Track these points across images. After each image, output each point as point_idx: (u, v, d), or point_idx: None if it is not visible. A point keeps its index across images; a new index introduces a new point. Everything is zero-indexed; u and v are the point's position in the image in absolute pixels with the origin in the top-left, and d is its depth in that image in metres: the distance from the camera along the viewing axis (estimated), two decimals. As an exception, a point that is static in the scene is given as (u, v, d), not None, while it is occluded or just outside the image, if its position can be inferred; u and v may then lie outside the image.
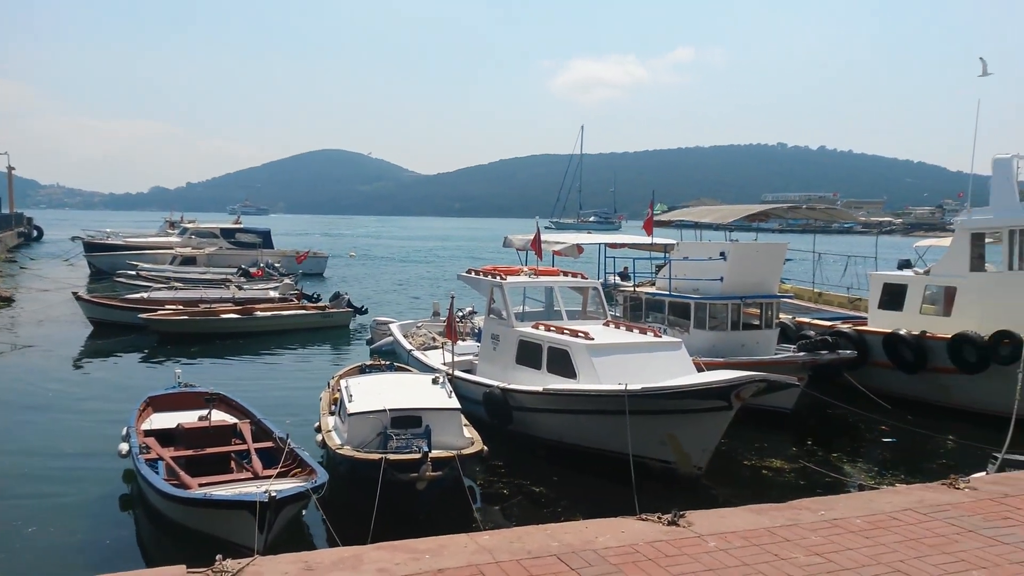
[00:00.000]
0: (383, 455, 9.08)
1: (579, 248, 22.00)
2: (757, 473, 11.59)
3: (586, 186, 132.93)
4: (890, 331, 15.03)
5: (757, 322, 15.80)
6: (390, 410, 9.73)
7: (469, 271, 16.00)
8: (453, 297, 14.45)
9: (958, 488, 6.28)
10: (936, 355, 14.25)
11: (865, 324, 16.50)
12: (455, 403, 10.38)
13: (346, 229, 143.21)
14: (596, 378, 11.33)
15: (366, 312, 26.18)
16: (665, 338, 12.79)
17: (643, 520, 5.23)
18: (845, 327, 16.08)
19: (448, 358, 14.15)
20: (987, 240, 14.93)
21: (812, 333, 16.07)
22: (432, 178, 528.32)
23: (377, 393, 10.45)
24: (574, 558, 4.57)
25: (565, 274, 15.09)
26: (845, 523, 5.36)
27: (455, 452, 9.44)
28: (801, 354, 14.67)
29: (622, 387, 10.28)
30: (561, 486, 10.85)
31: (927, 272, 16.02)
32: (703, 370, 11.72)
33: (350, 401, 10.16)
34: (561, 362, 12.05)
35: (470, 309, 19.94)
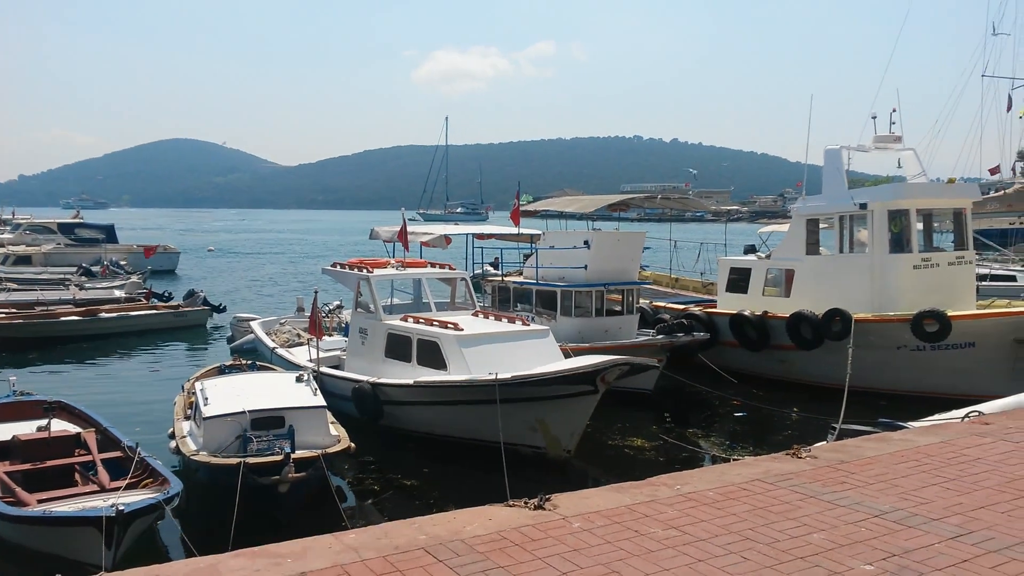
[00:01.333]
0: (242, 459, 8.70)
1: (447, 239, 21.95)
2: (621, 452, 12.04)
3: (453, 177, 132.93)
4: (736, 312, 15.97)
5: (619, 308, 16.38)
6: (250, 411, 9.35)
7: (335, 264, 15.64)
8: (317, 292, 14.07)
9: (800, 457, 6.73)
10: (777, 333, 15.27)
11: (715, 307, 17.46)
12: (320, 401, 10.12)
13: (202, 223, 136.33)
14: (467, 368, 11.38)
15: (224, 310, 25.03)
16: (533, 326, 13.02)
17: (511, 506, 5.28)
18: (697, 310, 16.97)
19: (314, 355, 13.78)
20: (821, 226, 16.13)
21: (667, 317, 16.83)
22: (293, 169, 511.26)
23: (236, 394, 10.01)
24: (442, 549, 4.55)
25: (433, 265, 15.04)
26: (699, 496, 5.63)
27: (320, 451, 9.19)
28: (659, 337, 15.34)
29: (493, 376, 10.38)
30: (433, 478, 10.82)
31: (768, 256, 17.14)
32: (570, 356, 12.03)
33: (206, 404, 9.69)
34: (431, 354, 12.01)
35: (336, 303, 19.48)
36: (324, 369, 13.30)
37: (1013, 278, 21.04)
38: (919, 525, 5.15)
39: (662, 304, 18.72)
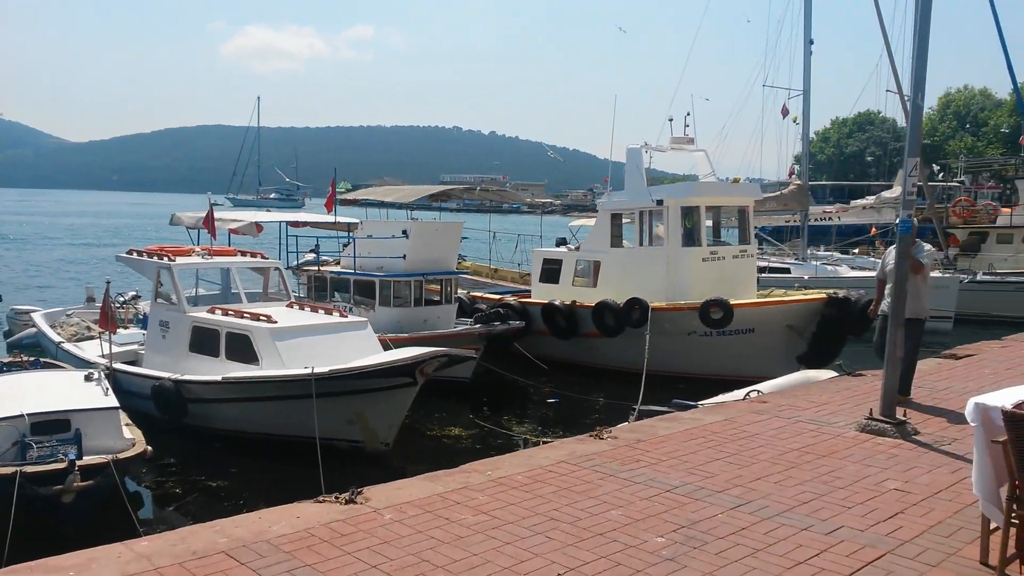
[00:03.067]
0: (18, 468, 7.86)
1: (258, 227, 20.95)
2: (439, 442, 12.15)
3: (266, 161, 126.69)
4: (547, 302, 16.61)
5: (438, 298, 16.47)
6: (28, 414, 8.46)
7: (131, 252, 14.45)
8: (109, 282, 12.94)
9: (602, 439, 7.15)
10: (584, 322, 16.05)
11: (530, 297, 18.05)
12: (112, 401, 9.35)
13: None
14: (280, 363, 10.96)
15: (-1, 300, 22.40)
16: (351, 317, 12.77)
17: (320, 503, 5.20)
18: (512, 300, 17.44)
19: (106, 350, 12.68)
20: (624, 220, 17.10)
21: (484, 307, 17.17)
22: (83, 146, 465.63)
23: (13, 395, 9.02)
24: (245, 552, 4.39)
25: (243, 254, 14.31)
26: (509, 480, 5.84)
27: (111, 457, 8.48)
28: (477, 327, 15.61)
29: (308, 370, 10.07)
30: (242, 479, 10.36)
31: (578, 249, 17.96)
32: (389, 347, 11.93)
33: (-23, 407, 8.64)
34: (242, 348, 11.45)
35: (132, 293, 18.05)
36: (118, 366, 12.29)
37: (788, 270, 23.46)
38: (705, 497, 5.65)
39: (479, 294, 19.04)
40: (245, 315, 11.80)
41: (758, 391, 9.83)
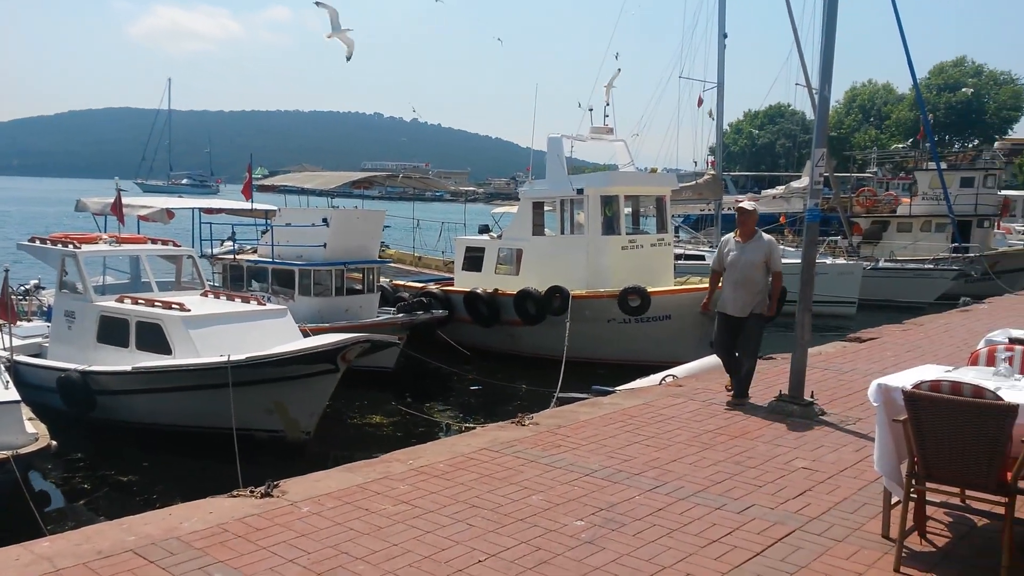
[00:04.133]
0: None
1: (169, 213, 20.19)
2: (361, 431, 12.02)
3: (177, 145, 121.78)
4: (469, 290, 16.61)
5: (360, 287, 16.25)
6: None
7: (33, 239, 13.76)
8: (7, 270, 12.26)
9: (524, 425, 7.21)
10: (506, 309, 16.13)
11: (453, 285, 18.00)
12: (13, 395, 8.86)
13: None
14: (195, 352, 10.62)
15: None
16: (269, 306, 12.48)
17: (234, 497, 5.07)
18: (435, 288, 17.37)
19: (7, 342, 12.02)
20: (546, 208, 17.22)
21: (407, 295, 17.04)
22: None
23: (-99, 392, 8.46)
24: (154, 550, 4.24)
25: (154, 242, 13.78)
26: (430, 468, 5.82)
27: (11, 453, 8.06)
28: (400, 315, 15.49)
29: (225, 358, 9.79)
30: (156, 473, 10.01)
31: (500, 237, 18.01)
32: (309, 336, 11.71)
33: None
34: (153, 337, 11.04)
35: (34, 282, 17.15)
36: (20, 358, 11.68)
37: (703, 257, 24.12)
38: (623, 480, 5.77)
39: (402, 283, 18.88)
40: (156, 304, 11.38)
41: (673, 375, 10.08)
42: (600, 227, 16.10)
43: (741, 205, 8.15)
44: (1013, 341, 6.08)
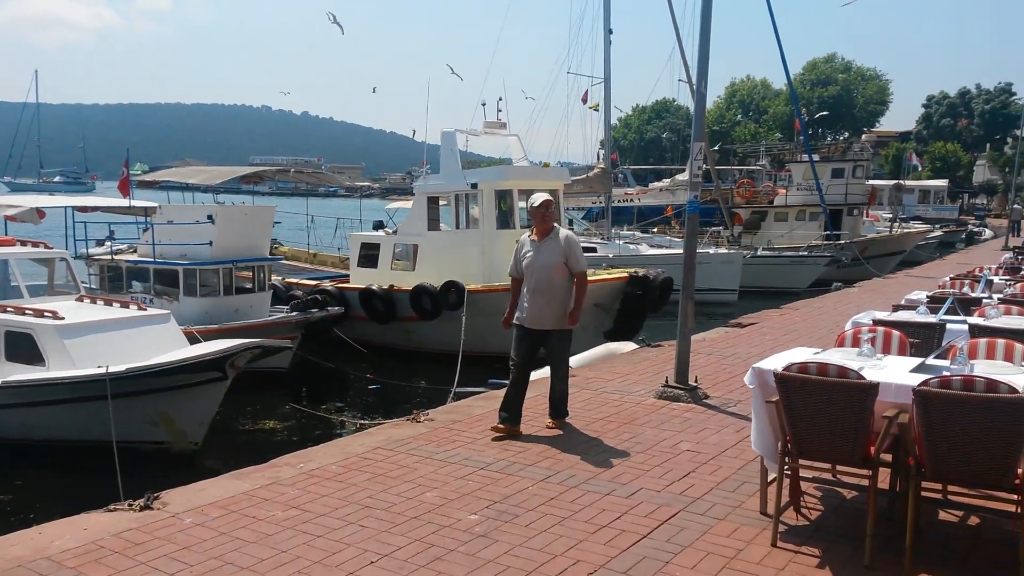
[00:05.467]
0: None
1: (40, 212, 18.97)
2: (254, 437, 11.67)
3: (49, 141, 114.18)
4: (364, 287, 16.39)
5: (250, 286, 15.73)
6: None
7: None
8: None
9: (420, 422, 7.19)
10: (402, 305, 16.02)
11: (348, 282, 17.71)
12: None
13: None
14: (71, 363, 10.03)
15: None
16: (151, 310, 11.91)
17: (111, 511, 4.83)
18: (329, 285, 17.05)
19: None
20: (441, 203, 17.18)
21: (301, 293, 16.64)
22: None
23: None
24: (22, 572, 4.00)
25: (23, 244, 12.89)
26: (322, 471, 5.72)
27: None
28: (294, 314, 15.11)
29: (103, 370, 9.28)
30: (32, 490, 9.42)
31: (396, 232, 17.84)
32: (198, 340, 11.26)
33: None
34: (24, 348, 10.36)
35: None
36: None
37: (595, 249, 24.68)
38: (517, 472, 5.84)
39: (295, 280, 18.43)
40: (27, 311, 10.68)
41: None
42: (495, 221, 16.19)
43: (533, 197, 6.77)
44: (876, 323, 6.51)
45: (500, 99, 18.96)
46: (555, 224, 6.86)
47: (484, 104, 18.64)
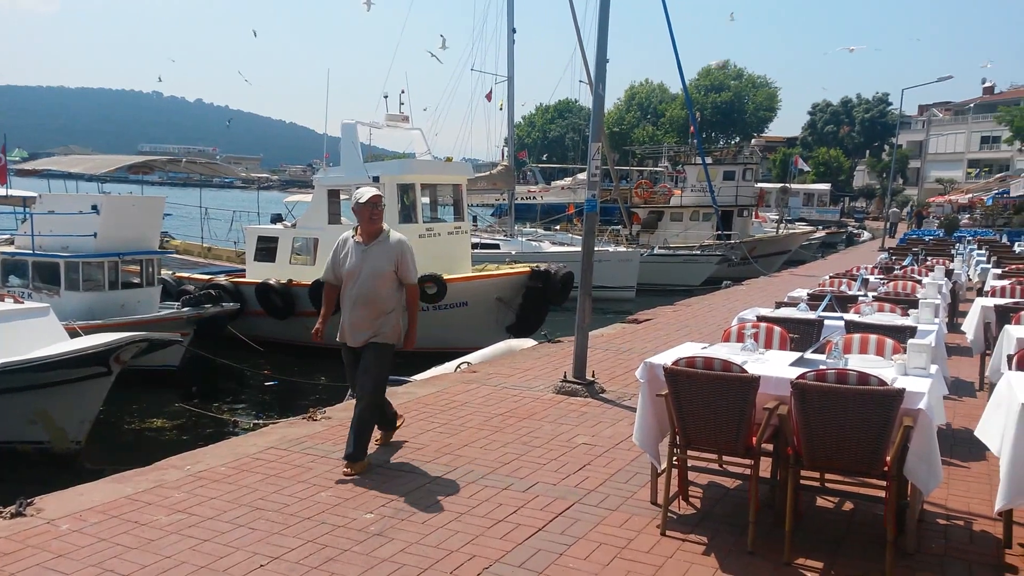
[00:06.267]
0: None
1: (-99, 200, 17.53)
2: (141, 437, 11.15)
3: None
4: (261, 281, 15.93)
5: (137, 280, 15.03)
6: None
7: None
8: None
9: (316, 420, 7.05)
10: (301, 301, 15.66)
11: (244, 276, 17.17)
12: None
13: None
14: None
15: None
16: (28, 304, 11.19)
17: (-24, 521, 4.51)
18: (224, 280, 16.47)
19: None
20: (342, 196, 16.89)
21: (192, 288, 16.02)
22: None
23: None
24: None
25: None
26: (211, 473, 5.52)
27: None
28: (185, 310, 14.53)
29: None
30: None
31: (295, 226, 17.42)
32: (80, 335, 10.66)
33: None
34: None
35: None
36: None
37: (498, 246, 24.87)
38: (415, 469, 5.82)
39: (186, 275, 17.71)
40: None
41: (468, 362, 10.30)
42: (397, 215, 16.03)
43: (359, 192, 5.97)
44: (760, 319, 6.83)
45: (403, 92, 18.80)
46: (384, 226, 5.89)
47: (387, 96, 18.45)
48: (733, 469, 5.33)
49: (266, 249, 17.19)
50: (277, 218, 19.24)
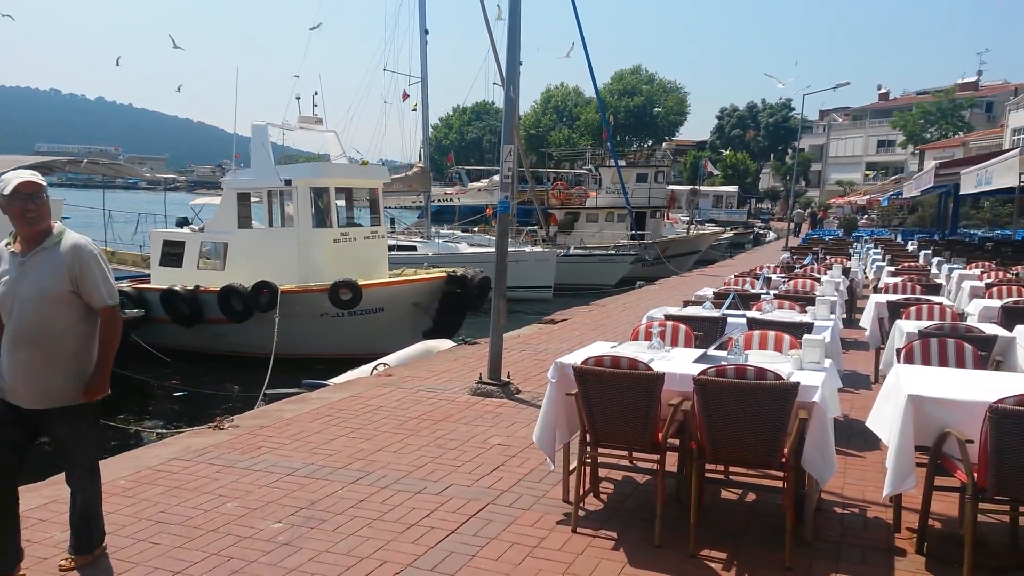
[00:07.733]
0: None
1: None
2: (35, 451, 10.52)
3: None
4: (167, 287, 15.36)
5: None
6: None
7: None
8: None
9: (223, 429, 6.84)
10: (210, 307, 15.17)
11: (149, 282, 16.51)
12: None
13: None
14: None
15: None
16: None
17: None
18: (126, 286, 15.78)
19: None
20: (253, 199, 16.44)
21: (93, 295, 15.28)
22: None
23: None
24: None
25: None
26: (110, 487, 5.27)
27: None
28: (82, 318, 13.83)
29: None
30: None
31: (203, 229, 16.86)
32: None
33: None
34: None
35: None
36: None
37: (415, 248, 24.74)
38: (326, 476, 5.72)
39: (85, 281, 16.87)
40: None
41: (384, 364, 10.20)
42: (311, 220, 15.73)
43: (4, 178, 3.88)
44: (668, 317, 7.02)
45: (316, 93, 18.47)
46: (54, 225, 4.00)
47: (299, 98, 18.09)
48: (643, 465, 5.46)
49: (172, 254, 16.57)
50: (183, 221, 18.59)
